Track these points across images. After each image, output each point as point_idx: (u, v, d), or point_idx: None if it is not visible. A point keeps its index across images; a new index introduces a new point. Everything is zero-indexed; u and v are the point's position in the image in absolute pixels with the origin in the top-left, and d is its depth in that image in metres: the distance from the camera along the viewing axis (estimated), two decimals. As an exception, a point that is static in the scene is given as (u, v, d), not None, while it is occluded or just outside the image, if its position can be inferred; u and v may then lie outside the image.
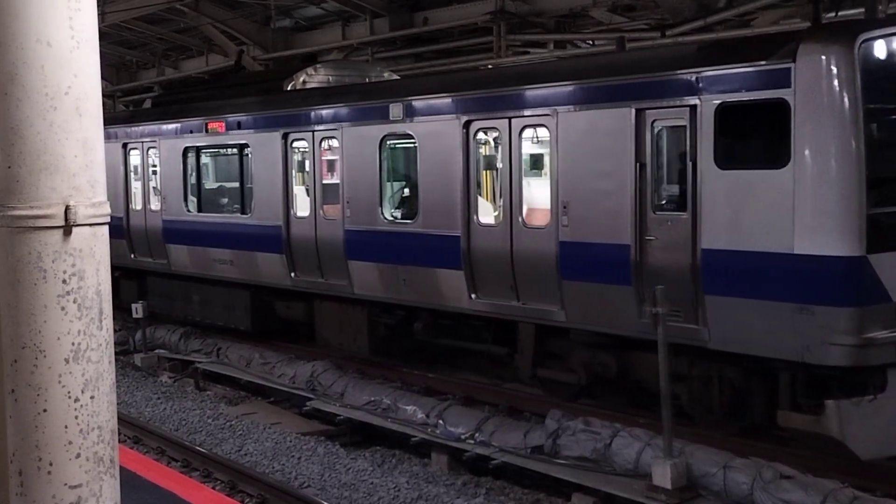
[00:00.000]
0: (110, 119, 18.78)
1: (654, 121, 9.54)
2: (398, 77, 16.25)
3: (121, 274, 17.37)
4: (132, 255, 17.12)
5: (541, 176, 11.52)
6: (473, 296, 11.32)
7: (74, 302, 3.72)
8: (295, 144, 13.88)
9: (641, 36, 14.79)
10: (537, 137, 10.98)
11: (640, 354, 10.08)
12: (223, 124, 15.06)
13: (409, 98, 12.15)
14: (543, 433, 10.13)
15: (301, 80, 15.09)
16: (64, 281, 3.70)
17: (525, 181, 11.00)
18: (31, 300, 3.68)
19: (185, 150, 15.87)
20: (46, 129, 3.65)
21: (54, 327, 3.70)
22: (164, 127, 16.38)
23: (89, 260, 3.77)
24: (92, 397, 3.77)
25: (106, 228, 3.88)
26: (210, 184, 16.72)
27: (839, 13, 12.09)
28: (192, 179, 16.06)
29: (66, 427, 3.72)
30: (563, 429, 10.02)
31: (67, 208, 3.67)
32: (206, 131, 15.38)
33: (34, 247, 3.67)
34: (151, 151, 16.65)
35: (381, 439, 11.76)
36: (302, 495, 9.61)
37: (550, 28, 16.79)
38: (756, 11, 13.80)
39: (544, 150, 11.11)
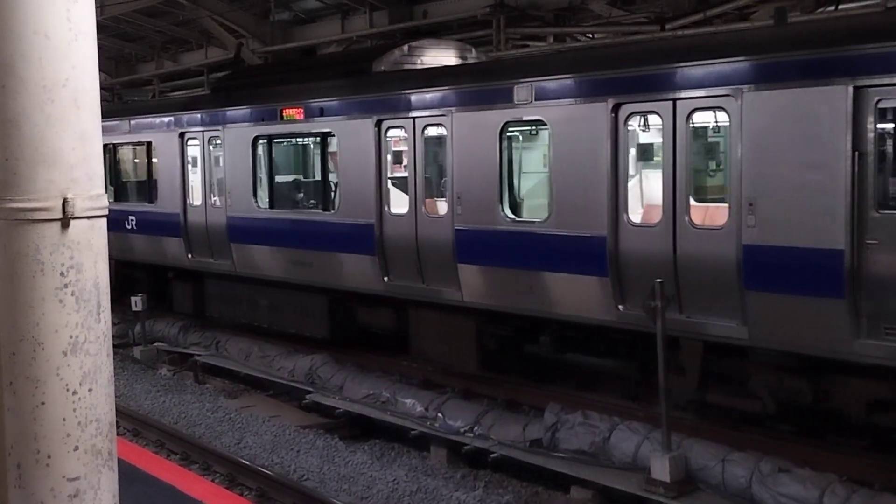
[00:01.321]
0: (165, 105, 17.70)
1: (878, 100, 7.92)
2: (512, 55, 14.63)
3: (174, 275, 16.68)
4: (189, 255, 15.63)
5: (714, 168, 10.05)
6: (621, 307, 9.75)
7: (72, 294, 3.71)
8: (390, 133, 12.37)
9: (640, 29, 14.75)
10: (716, 123, 9.30)
11: (845, 380, 8.68)
12: (302, 111, 13.45)
13: (540, 78, 10.48)
14: (542, 426, 10.14)
15: (392, 60, 13.40)
16: (62, 273, 3.70)
17: (694, 174, 9.45)
18: (29, 293, 3.67)
19: (255, 140, 14.31)
20: (44, 121, 3.65)
21: (52, 320, 3.69)
22: (230, 114, 14.77)
23: (87, 252, 3.76)
24: (90, 390, 3.77)
25: (104, 221, 3.87)
26: (284, 177, 15.32)
27: (839, 6, 12.08)
28: (263, 172, 14.53)
29: (64, 419, 3.72)
30: (561, 422, 10.03)
31: (65, 201, 3.67)
32: (281, 119, 13.77)
33: (32, 239, 3.66)
34: (214, 141, 15.15)
35: (379, 432, 11.77)
36: (301, 488, 9.62)
37: (550, 21, 16.76)
38: (756, 5, 13.77)
39: (720, 138, 9.67)
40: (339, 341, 13.74)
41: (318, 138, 13.86)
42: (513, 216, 10.97)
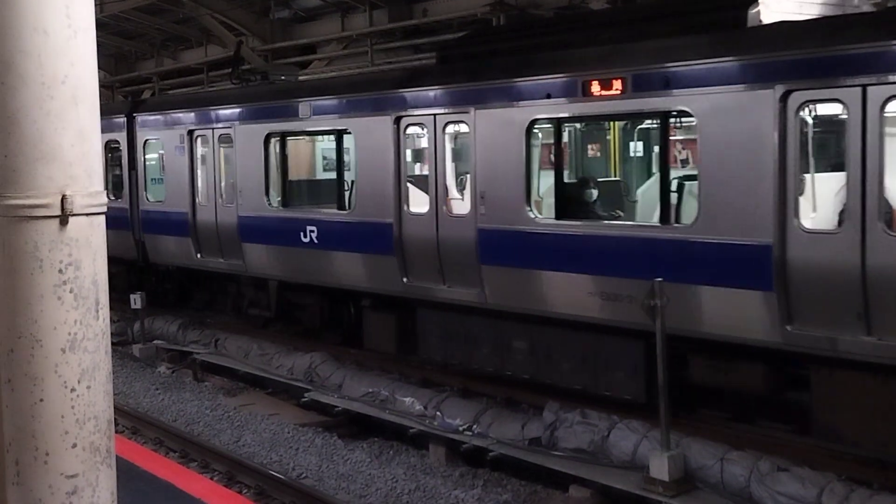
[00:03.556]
0: (369, 82, 13.66)
1: None
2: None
3: (371, 304, 13.25)
4: (405, 279, 12.02)
5: None
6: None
7: (71, 292, 3.71)
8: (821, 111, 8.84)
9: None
10: None
11: None
12: (622, 81, 9.69)
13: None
14: (541, 425, 10.14)
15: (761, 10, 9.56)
16: (60, 271, 3.69)
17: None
18: (28, 290, 3.67)
19: (532, 125, 10.64)
20: (43, 118, 3.64)
21: (51, 317, 3.69)
22: (487, 91, 11.00)
23: (86, 249, 3.76)
24: (88, 387, 3.77)
25: (102, 218, 3.87)
26: (594, 171, 12.30)
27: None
28: (568, 167, 11.77)
29: (62, 417, 3.71)
30: (560, 421, 10.03)
31: (64, 198, 3.67)
32: (584, 94, 10.04)
33: (31, 236, 3.66)
34: (454, 128, 11.81)
35: (378, 430, 11.77)
36: (299, 486, 9.62)
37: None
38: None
39: None
40: (651, 406, 9.61)
41: (657, 121, 10.28)
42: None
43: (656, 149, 11.37)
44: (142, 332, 16.22)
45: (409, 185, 12.27)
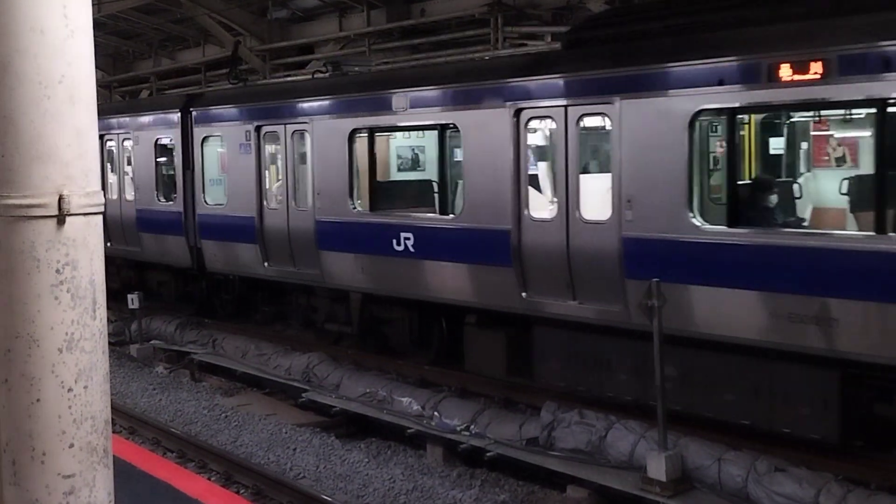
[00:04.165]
0: (483, 70, 12.31)
1: None
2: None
3: (477, 321, 11.79)
4: (524, 294, 10.72)
5: None
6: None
7: (68, 291, 3.70)
8: None
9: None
10: None
11: None
12: (823, 63, 8.18)
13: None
14: (538, 425, 10.14)
15: None
16: (57, 270, 3.69)
17: None
18: (25, 290, 3.66)
19: (716, 116, 9.43)
20: (40, 117, 3.63)
21: (48, 317, 3.68)
22: (635, 77, 9.63)
23: (83, 249, 3.75)
24: (85, 387, 3.76)
25: (100, 218, 3.86)
26: (776, 170, 10.61)
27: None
28: (745, 165, 10.21)
29: (59, 417, 3.71)
30: (558, 421, 10.03)
31: (61, 198, 3.66)
32: (770, 79, 8.54)
33: (27, 236, 3.65)
34: (587, 121, 10.46)
35: (376, 431, 11.77)
36: (297, 486, 9.62)
37: (547, 20, 16.77)
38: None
39: None
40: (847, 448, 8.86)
41: (872, 109, 8.43)
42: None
43: (868, 144, 9.33)
44: (139, 332, 16.21)
45: (529, 187, 10.91)
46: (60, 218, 3.66)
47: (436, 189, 12.38)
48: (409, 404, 11.49)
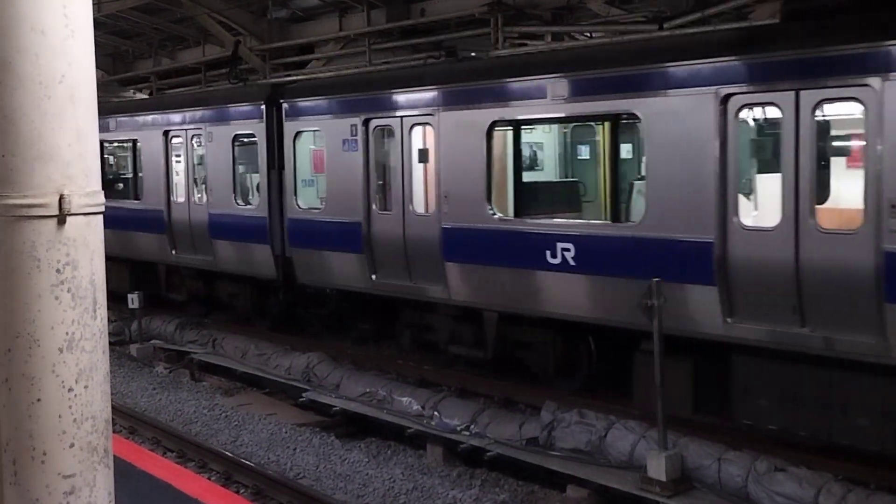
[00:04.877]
0: (688, 49, 9.94)
1: None
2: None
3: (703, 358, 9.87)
4: (728, 318, 9.19)
5: None
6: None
7: (68, 291, 3.71)
8: None
9: (638, 29, 14.77)
10: None
11: None
12: None
13: None
14: (538, 425, 10.15)
15: None
16: (58, 270, 3.69)
17: None
18: (25, 289, 3.67)
19: None
20: (40, 117, 3.64)
21: (48, 317, 3.69)
22: None
23: (83, 249, 3.75)
24: (86, 387, 3.76)
25: (100, 218, 3.86)
26: None
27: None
28: None
29: (59, 416, 3.71)
30: (558, 421, 10.04)
31: (61, 197, 3.66)
32: None
33: (28, 236, 3.66)
34: (826, 108, 8.73)
35: (376, 431, 11.77)
36: (297, 486, 9.62)
37: (547, 20, 16.76)
38: (753, 4, 13.77)
39: None
40: None
41: None
42: None
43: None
44: (139, 331, 16.21)
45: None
46: (61, 218, 3.67)
47: (604, 191, 10.62)
48: (409, 404, 11.49)
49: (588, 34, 16.69)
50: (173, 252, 16.59)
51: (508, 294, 11.02)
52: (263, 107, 14.62)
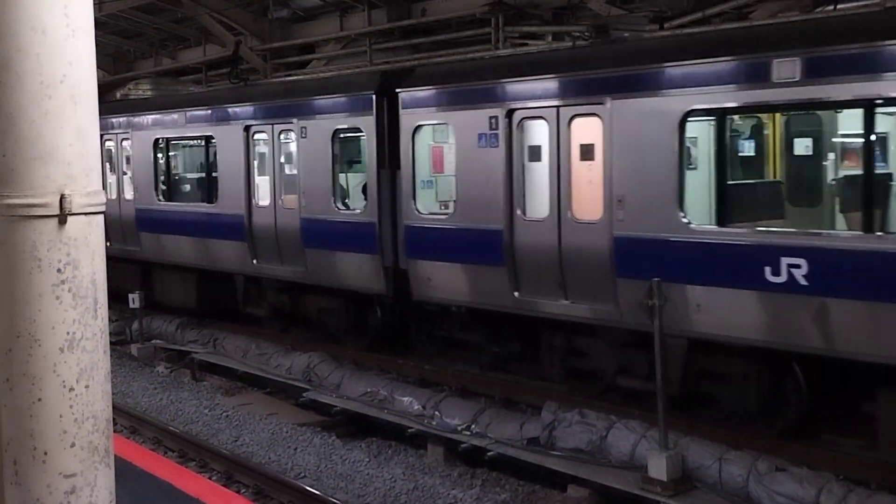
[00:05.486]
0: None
1: None
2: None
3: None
4: None
5: None
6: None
7: (69, 291, 3.71)
8: None
9: (638, 28, 14.75)
10: None
11: None
12: None
13: None
14: (539, 425, 10.15)
15: None
16: (59, 270, 3.69)
17: None
18: (26, 289, 3.67)
19: None
20: (41, 117, 3.64)
21: (49, 316, 3.69)
22: None
23: (84, 249, 3.75)
24: (87, 387, 3.77)
25: (101, 217, 3.86)
26: None
27: (837, 6, 12.08)
28: None
29: (60, 416, 3.71)
30: (558, 421, 10.04)
31: (62, 197, 3.66)
32: None
33: (29, 236, 3.66)
34: None
35: (376, 430, 11.77)
36: (297, 486, 9.62)
37: (548, 20, 16.77)
38: (755, 4, 13.77)
39: None
40: None
41: None
42: None
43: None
44: (140, 331, 16.21)
45: None
46: (62, 217, 3.67)
47: (844, 192, 8.98)
48: (410, 404, 11.49)
49: (589, 34, 16.64)
50: (254, 262, 14.78)
51: (714, 318, 9.19)
52: (373, 97, 12.76)
